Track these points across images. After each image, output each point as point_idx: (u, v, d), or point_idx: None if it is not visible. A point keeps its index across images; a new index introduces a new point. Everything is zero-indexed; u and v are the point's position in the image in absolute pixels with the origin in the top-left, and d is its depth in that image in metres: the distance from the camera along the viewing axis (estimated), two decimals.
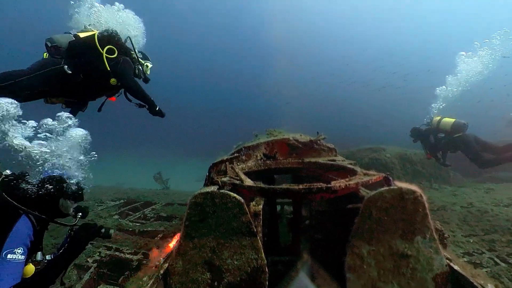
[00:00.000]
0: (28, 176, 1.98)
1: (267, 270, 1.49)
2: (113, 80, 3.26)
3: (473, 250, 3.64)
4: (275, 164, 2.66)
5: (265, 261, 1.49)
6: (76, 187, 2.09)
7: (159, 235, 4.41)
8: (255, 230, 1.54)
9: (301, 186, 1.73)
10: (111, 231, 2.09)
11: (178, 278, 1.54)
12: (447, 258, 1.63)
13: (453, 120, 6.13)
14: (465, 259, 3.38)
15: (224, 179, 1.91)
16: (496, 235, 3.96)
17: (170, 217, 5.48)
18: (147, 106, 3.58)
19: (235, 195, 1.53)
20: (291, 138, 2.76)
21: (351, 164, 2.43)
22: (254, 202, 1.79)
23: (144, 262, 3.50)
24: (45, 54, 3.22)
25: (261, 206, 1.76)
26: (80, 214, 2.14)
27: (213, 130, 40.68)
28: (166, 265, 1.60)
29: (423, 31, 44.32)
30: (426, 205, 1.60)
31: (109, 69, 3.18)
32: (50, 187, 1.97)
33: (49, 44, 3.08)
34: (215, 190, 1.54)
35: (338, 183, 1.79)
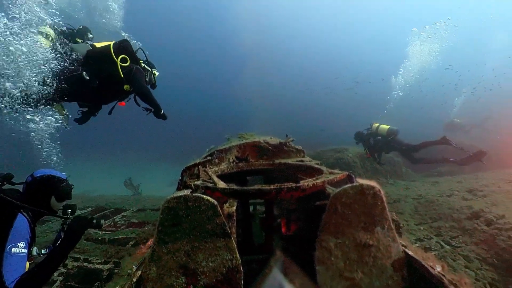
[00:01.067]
0: (13, 178, 2.16)
1: (242, 269, 1.47)
2: (126, 87, 3.46)
3: (423, 236, 3.93)
4: (247, 166, 2.65)
5: (240, 261, 1.48)
6: (66, 186, 2.20)
7: (130, 242, 4.17)
8: (229, 231, 1.52)
9: (272, 187, 1.75)
10: (102, 221, 2.17)
11: (152, 285, 1.46)
12: (403, 245, 1.74)
13: (387, 126, 7.28)
14: (417, 245, 3.64)
15: (197, 182, 1.86)
16: (441, 222, 4.32)
17: (142, 223, 5.19)
18: (153, 110, 3.76)
19: (208, 197, 1.50)
20: (262, 141, 2.78)
21: (317, 164, 2.51)
22: (227, 204, 1.77)
23: (116, 271, 3.28)
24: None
25: (234, 208, 1.75)
26: (70, 210, 2.22)
27: (185, 135, 39.69)
28: (139, 272, 1.52)
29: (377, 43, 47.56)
30: (384, 198, 1.70)
31: (122, 76, 3.34)
32: (43, 185, 2.09)
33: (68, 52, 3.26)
34: (188, 193, 1.50)
35: (307, 182, 1.84)
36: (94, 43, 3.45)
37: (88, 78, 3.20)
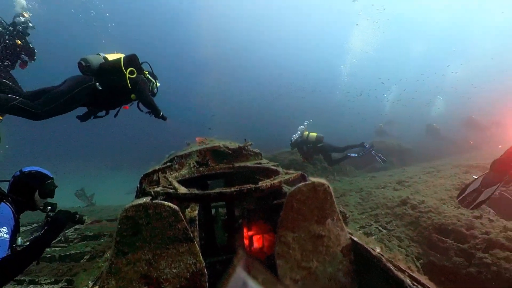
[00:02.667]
0: None
1: (206, 272, 1.42)
2: (133, 96, 3.77)
3: (365, 224, 4.27)
4: (208, 171, 2.59)
5: (204, 263, 1.43)
6: (51, 184, 2.26)
7: (85, 257, 3.71)
8: (191, 235, 1.46)
9: (233, 189, 1.73)
10: (85, 217, 2.24)
11: None
12: (349, 233, 1.87)
13: (315, 134, 8.27)
14: (360, 231, 3.94)
15: (157, 189, 1.75)
16: (378, 210, 4.75)
17: (98, 236, 4.62)
18: (153, 114, 4.12)
19: (169, 203, 1.42)
20: (221, 145, 2.74)
21: (274, 165, 2.56)
22: (189, 209, 1.70)
23: None
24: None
25: (196, 212, 1.69)
26: (50, 207, 2.23)
27: (143, 141, 37.21)
28: (97, 287, 1.37)
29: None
30: (332, 194, 1.81)
31: (130, 86, 3.59)
32: (30, 180, 2.13)
33: (84, 63, 3.43)
34: (148, 201, 1.40)
35: (265, 183, 1.87)
36: (106, 55, 3.65)
37: (101, 88, 3.45)
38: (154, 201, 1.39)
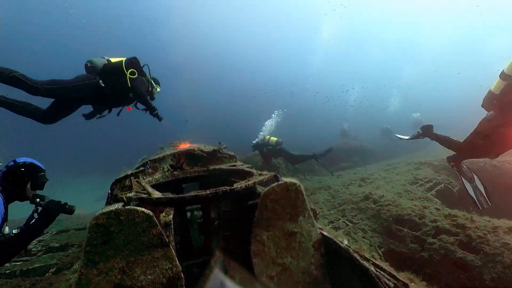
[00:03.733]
0: None
1: (182, 276, 1.37)
2: (131, 94, 3.94)
3: (334, 219, 4.44)
4: (182, 174, 2.51)
5: (180, 267, 1.37)
6: (43, 176, 2.29)
7: (51, 270, 3.35)
8: (167, 240, 1.40)
9: (208, 191, 1.70)
10: (74, 207, 2.23)
11: None
12: (320, 228, 1.94)
13: (276, 138, 8.74)
14: (330, 226, 4.09)
15: (130, 194, 1.65)
16: (345, 205, 4.98)
17: (65, 246, 4.17)
18: (148, 110, 4.27)
19: (142, 209, 1.35)
20: (196, 148, 2.68)
21: (248, 167, 2.57)
22: (164, 213, 1.63)
23: None
24: None
25: (171, 216, 1.63)
26: (38, 199, 2.19)
27: (113, 145, 34.87)
28: None
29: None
30: (304, 192, 1.86)
31: (129, 85, 3.80)
32: (24, 171, 2.13)
33: (89, 64, 3.67)
34: (120, 207, 1.31)
35: (240, 185, 1.86)
36: (110, 58, 3.85)
37: (103, 85, 3.66)
38: (126, 207, 1.31)
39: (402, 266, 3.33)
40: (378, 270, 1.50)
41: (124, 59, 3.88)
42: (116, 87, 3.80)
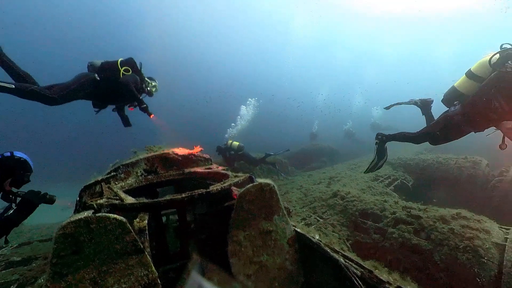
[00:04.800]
0: None
1: (159, 281, 1.31)
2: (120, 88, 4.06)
3: (306, 216, 4.56)
4: (157, 178, 2.40)
5: (156, 273, 1.31)
6: (27, 176, 2.22)
7: (11, 287, 2.95)
8: (141, 246, 1.33)
9: (184, 195, 1.66)
10: (55, 197, 2.17)
11: None
12: (293, 225, 1.99)
13: (238, 143, 8.94)
14: (302, 223, 4.20)
15: (101, 201, 1.54)
16: (316, 203, 5.14)
17: (28, 260, 3.66)
18: (136, 104, 4.44)
19: (115, 216, 1.27)
20: (170, 152, 2.58)
21: (224, 169, 2.55)
22: (138, 219, 1.55)
23: None
24: None
25: (146, 221, 1.55)
26: (12, 197, 2.11)
27: (81, 150, 32.04)
28: None
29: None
30: (277, 192, 1.90)
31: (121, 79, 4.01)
32: (15, 165, 2.11)
33: (89, 64, 4.09)
34: (89, 215, 1.22)
35: (215, 187, 1.84)
36: (108, 60, 4.16)
37: (99, 78, 3.92)
38: (97, 214, 1.22)
39: (368, 255, 3.53)
40: (347, 261, 1.58)
41: (119, 59, 4.22)
42: (110, 82, 4.04)
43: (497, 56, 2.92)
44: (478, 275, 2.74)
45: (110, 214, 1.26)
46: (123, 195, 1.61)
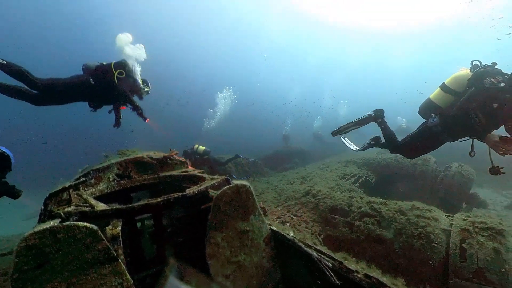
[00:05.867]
0: None
1: None
2: (116, 92, 4.17)
3: (281, 214, 4.63)
4: (130, 183, 2.27)
5: (132, 281, 1.24)
6: (5, 172, 2.16)
7: None
8: (115, 254, 1.25)
9: (159, 199, 1.59)
10: (21, 192, 2.16)
11: None
12: (269, 224, 2.02)
13: (204, 147, 9.08)
14: (277, 221, 4.26)
15: (69, 209, 1.42)
16: (290, 201, 5.24)
17: None
18: (132, 108, 4.49)
19: (84, 224, 1.18)
20: (145, 156, 2.46)
21: (200, 172, 2.50)
22: (110, 226, 1.45)
23: None
24: None
25: (119, 228, 1.46)
26: None
27: (47, 155, 28.92)
28: None
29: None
30: (253, 193, 1.92)
31: (116, 83, 4.10)
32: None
33: (84, 67, 4.19)
34: (56, 224, 1.12)
35: (192, 190, 1.80)
36: (103, 62, 4.21)
37: (93, 82, 3.94)
38: (64, 223, 1.12)
39: (338, 247, 3.70)
40: (320, 254, 1.64)
41: (113, 62, 4.25)
42: (104, 85, 4.09)
43: (471, 72, 3.05)
44: (431, 258, 3.04)
45: (79, 223, 1.17)
46: (93, 201, 1.50)
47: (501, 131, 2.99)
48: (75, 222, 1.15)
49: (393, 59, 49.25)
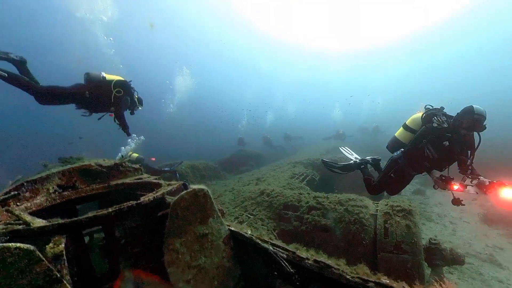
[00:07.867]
0: None
1: None
2: (112, 109, 4.32)
3: (238, 215, 4.64)
4: (75, 194, 1.96)
5: None
6: None
7: None
8: (58, 275, 1.07)
9: (110, 209, 1.44)
10: None
11: None
12: (227, 225, 2.01)
13: (137, 155, 8.35)
14: (235, 221, 4.25)
15: None
16: (246, 202, 5.30)
17: None
18: (121, 127, 4.58)
19: (17, 244, 0.98)
20: (93, 163, 2.17)
21: (156, 179, 2.33)
22: (51, 244, 1.24)
23: None
24: None
25: (62, 245, 1.26)
26: None
27: None
28: None
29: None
30: (211, 196, 1.89)
31: (112, 101, 4.24)
32: None
33: (86, 76, 4.13)
34: None
35: (147, 197, 1.67)
36: (106, 75, 4.22)
37: (88, 96, 3.98)
38: None
39: (291, 240, 3.91)
40: (275, 248, 1.72)
41: (116, 79, 4.23)
42: (101, 99, 4.13)
43: (423, 114, 3.41)
44: (364, 238, 3.48)
45: (10, 244, 0.97)
46: (28, 217, 1.25)
47: None
48: (4, 244, 0.95)
49: (329, 74, 55.60)
